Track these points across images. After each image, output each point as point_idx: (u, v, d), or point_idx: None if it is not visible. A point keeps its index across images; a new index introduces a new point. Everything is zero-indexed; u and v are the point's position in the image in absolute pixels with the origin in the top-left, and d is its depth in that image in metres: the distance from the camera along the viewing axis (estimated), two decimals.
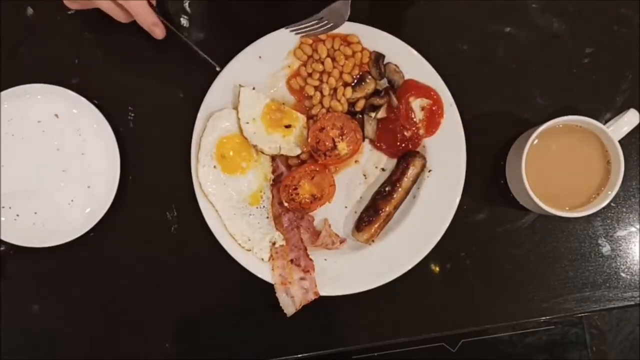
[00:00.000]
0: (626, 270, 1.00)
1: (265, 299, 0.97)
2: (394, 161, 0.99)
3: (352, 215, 0.99)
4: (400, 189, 0.96)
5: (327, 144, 0.95)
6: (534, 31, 1.02)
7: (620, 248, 1.01)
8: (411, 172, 0.96)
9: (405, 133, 0.98)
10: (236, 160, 0.97)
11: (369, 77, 0.98)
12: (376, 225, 0.96)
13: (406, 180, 0.96)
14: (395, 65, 0.98)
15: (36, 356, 1.00)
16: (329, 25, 0.93)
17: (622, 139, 0.93)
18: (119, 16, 0.90)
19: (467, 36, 1.01)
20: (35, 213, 0.98)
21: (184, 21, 0.99)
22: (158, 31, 0.92)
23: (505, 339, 1.67)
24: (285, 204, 0.97)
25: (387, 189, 0.96)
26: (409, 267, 0.95)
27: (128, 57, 1.01)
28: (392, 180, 0.96)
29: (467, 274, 1.00)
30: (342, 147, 0.96)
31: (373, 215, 0.96)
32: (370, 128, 0.98)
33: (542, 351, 1.68)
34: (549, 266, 1.00)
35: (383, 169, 1.00)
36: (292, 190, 0.96)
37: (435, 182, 0.98)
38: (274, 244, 0.97)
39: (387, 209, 0.96)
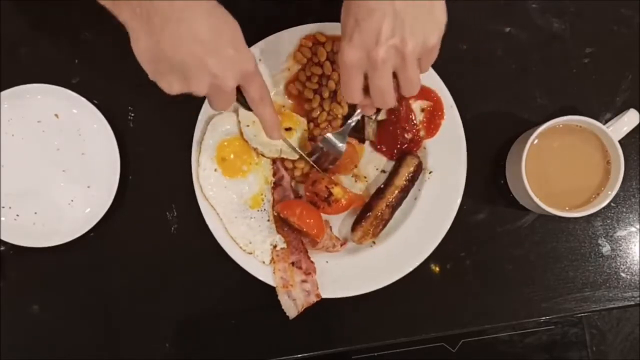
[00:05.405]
0: (626, 270, 1.00)
1: (265, 299, 0.96)
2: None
3: (352, 218, 0.99)
4: (392, 187, 0.95)
5: (321, 193, 0.95)
6: (534, 31, 1.01)
7: (620, 248, 1.01)
8: (404, 170, 0.95)
9: (406, 135, 0.98)
10: (237, 163, 0.97)
11: None
12: (367, 224, 0.95)
13: (399, 178, 0.95)
14: None
15: (36, 356, 1.00)
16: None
17: (622, 139, 0.93)
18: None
19: (467, 36, 1.01)
20: (35, 213, 0.98)
21: None
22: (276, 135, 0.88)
23: (505, 339, 1.67)
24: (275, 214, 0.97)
25: (381, 188, 0.96)
26: (410, 269, 0.95)
27: (128, 57, 1.00)
28: (386, 180, 0.97)
29: (467, 274, 1.00)
30: (337, 191, 0.95)
31: (365, 213, 0.95)
32: (370, 130, 0.98)
33: (542, 351, 1.68)
34: (549, 266, 1.00)
35: (383, 171, 1.00)
36: (282, 215, 0.96)
37: (435, 183, 0.98)
38: (275, 246, 0.97)
39: (379, 207, 0.95)
